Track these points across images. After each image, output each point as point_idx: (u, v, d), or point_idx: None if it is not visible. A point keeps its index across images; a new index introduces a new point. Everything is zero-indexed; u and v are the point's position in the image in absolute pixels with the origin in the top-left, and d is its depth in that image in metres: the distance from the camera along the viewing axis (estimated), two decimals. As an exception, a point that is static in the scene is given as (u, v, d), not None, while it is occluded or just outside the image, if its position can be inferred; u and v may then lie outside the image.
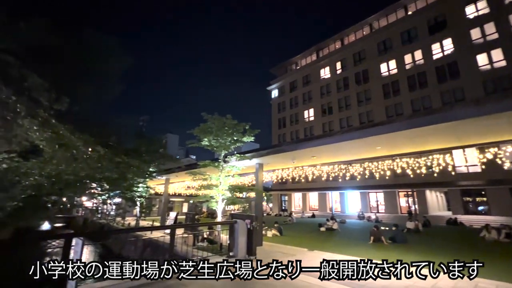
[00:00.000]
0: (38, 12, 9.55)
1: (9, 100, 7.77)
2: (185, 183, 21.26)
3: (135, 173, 11.18)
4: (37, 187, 8.38)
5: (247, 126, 11.14)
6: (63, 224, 32.23)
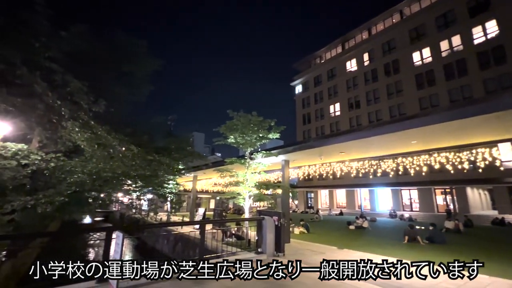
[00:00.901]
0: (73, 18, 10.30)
1: (55, 104, 8.49)
2: (212, 180, 21.79)
3: (166, 170, 11.65)
4: (80, 184, 9.07)
5: (273, 122, 11.06)
6: (102, 218, 34.84)
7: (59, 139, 10.03)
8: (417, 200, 25.67)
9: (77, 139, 9.54)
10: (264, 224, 7.97)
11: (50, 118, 9.30)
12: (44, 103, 8.63)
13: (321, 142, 9.69)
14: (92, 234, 19.44)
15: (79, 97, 8.97)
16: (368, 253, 8.43)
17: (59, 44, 8.63)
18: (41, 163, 9.03)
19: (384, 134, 7.67)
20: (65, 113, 8.74)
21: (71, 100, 9.14)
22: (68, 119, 8.99)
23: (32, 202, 8.06)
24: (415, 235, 10.74)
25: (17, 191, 8.76)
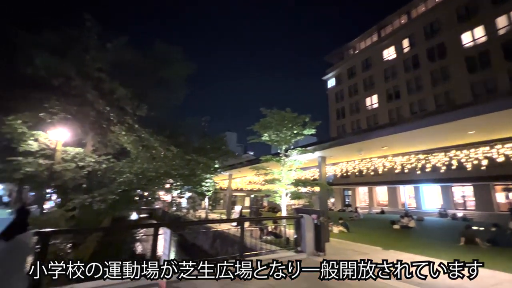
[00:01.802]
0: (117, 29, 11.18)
1: (105, 111, 9.29)
2: (247, 178, 22.04)
3: (203, 169, 12.09)
4: (128, 183, 9.81)
5: (307, 118, 10.76)
6: (147, 215, 37.47)
7: (108, 143, 10.99)
8: (472, 198, 23.02)
9: (123, 142, 10.34)
10: (302, 222, 7.79)
11: (100, 124, 10.22)
12: (95, 110, 9.51)
13: (360, 136, 9.15)
14: (139, 229, 21.04)
15: (124, 103, 9.71)
16: (419, 255, 7.75)
17: (106, 56, 9.41)
18: (95, 164, 9.97)
19: (435, 125, 6.93)
20: (113, 118, 9.52)
21: (118, 106, 9.94)
22: (116, 124, 9.79)
23: (89, 200, 8.93)
24: (474, 237, 9.61)
25: (76, 191, 9.79)
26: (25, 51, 7.99)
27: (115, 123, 9.75)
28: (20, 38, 8.51)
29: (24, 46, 8.21)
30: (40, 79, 8.34)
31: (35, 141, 9.20)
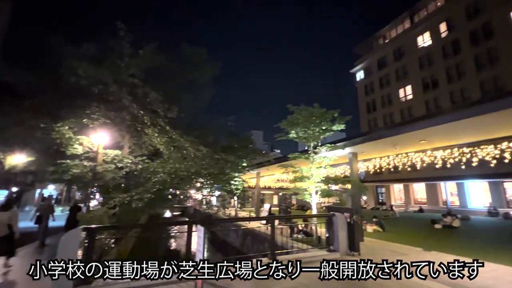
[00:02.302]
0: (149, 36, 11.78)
1: (139, 114, 9.83)
2: (275, 176, 21.97)
3: (232, 168, 12.28)
4: (162, 182, 10.30)
5: (336, 113, 10.38)
6: (179, 212, 39.14)
7: (143, 144, 11.62)
8: (528, 195, 20.55)
9: (156, 143, 10.87)
10: (334, 221, 7.54)
11: (135, 127, 10.85)
12: (130, 114, 10.11)
13: (395, 130, 8.58)
14: (173, 226, 22.05)
15: (156, 106, 10.19)
16: (466, 258, 7.08)
17: (138, 62, 9.94)
18: (132, 165, 10.62)
19: (482, 114, 6.25)
20: (146, 121, 10.05)
21: (150, 110, 10.46)
22: (149, 126, 10.33)
23: (128, 199, 9.53)
24: (533, 239, 8.54)
25: (116, 190, 10.51)
26: (69, 63, 8.74)
27: (148, 125, 10.27)
28: (65, 50, 9.34)
29: (68, 58, 8.99)
30: (82, 87, 9.09)
31: (80, 145, 10.07)
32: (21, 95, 10.52)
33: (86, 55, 9.47)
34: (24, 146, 12.33)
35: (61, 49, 9.43)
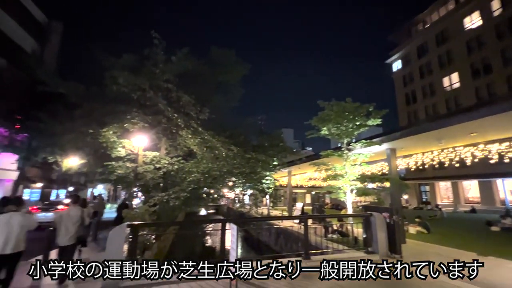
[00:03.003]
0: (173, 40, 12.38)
1: (173, 117, 10.35)
2: (307, 175, 21.55)
3: (263, 166, 12.32)
4: (196, 182, 10.72)
5: (371, 107, 9.82)
6: (214, 211, 40.46)
7: (178, 146, 12.21)
8: None
9: (190, 144, 11.34)
10: (372, 221, 7.15)
11: (171, 129, 11.44)
12: (166, 117, 10.68)
13: (441, 123, 7.80)
14: (208, 224, 22.88)
15: (189, 108, 10.63)
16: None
17: (171, 68, 10.46)
18: (168, 166, 11.22)
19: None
20: (180, 124, 10.53)
21: (184, 112, 10.94)
22: (183, 128, 10.81)
23: (166, 197, 10.09)
24: None
25: (156, 189, 11.20)
26: (111, 73, 9.54)
27: (182, 127, 10.75)
28: (107, 62, 10.20)
29: (110, 68, 9.81)
30: (123, 95, 9.86)
31: (122, 148, 10.93)
32: (73, 105, 11.77)
33: (126, 65, 10.23)
34: (77, 150, 13.76)
35: (104, 61, 10.32)
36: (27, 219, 4.76)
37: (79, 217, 5.92)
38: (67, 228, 5.66)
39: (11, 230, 4.43)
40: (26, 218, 4.74)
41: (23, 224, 4.58)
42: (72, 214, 5.83)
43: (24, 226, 4.58)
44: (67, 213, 5.86)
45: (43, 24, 23.12)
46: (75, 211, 5.93)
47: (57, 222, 5.72)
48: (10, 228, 4.44)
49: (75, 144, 12.37)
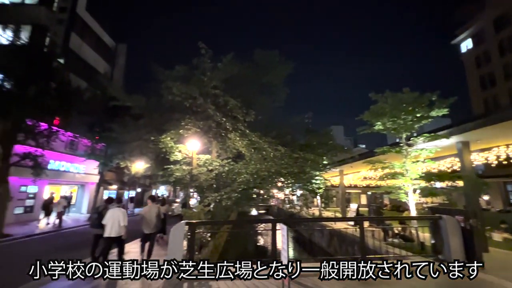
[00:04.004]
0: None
1: (222, 121, 10.84)
2: (360, 174, 20.16)
3: (312, 166, 11.96)
4: (246, 182, 11.00)
5: (434, 96, 8.66)
6: (264, 211, 40.99)
7: (227, 148, 12.73)
8: None
9: (239, 146, 11.71)
10: (442, 225, 6.30)
11: (220, 133, 12.00)
12: (215, 122, 11.25)
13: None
14: (259, 224, 23.28)
15: (235, 112, 10.99)
16: None
17: (218, 74, 10.97)
18: (220, 167, 11.78)
19: None
20: (229, 127, 10.97)
21: (231, 116, 11.36)
22: (231, 131, 11.23)
23: (219, 198, 10.61)
24: None
25: (209, 190, 11.88)
26: (166, 84, 10.51)
27: (230, 131, 11.18)
28: (162, 74, 11.25)
29: (165, 80, 10.80)
30: (177, 103, 10.75)
31: (179, 152, 11.92)
32: (137, 116, 13.33)
33: (178, 76, 11.12)
34: (142, 155, 15.54)
35: (160, 74, 11.42)
36: (124, 213, 6.38)
37: (157, 212, 7.38)
38: (150, 220, 7.12)
39: (114, 220, 6.11)
40: (124, 212, 6.37)
41: (122, 217, 6.23)
42: (152, 210, 7.27)
43: (122, 219, 6.23)
44: (149, 209, 7.30)
45: (111, 47, 26.86)
46: (154, 208, 7.41)
47: (142, 216, 7.21)
48: (114, 219, 6.11)
49: (141, 150, 13.98)
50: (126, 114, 14.45)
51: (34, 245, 10.72)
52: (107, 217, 6.17)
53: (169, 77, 10.77)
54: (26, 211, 16.36)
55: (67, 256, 9.00)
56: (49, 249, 9.80)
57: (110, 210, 6.31)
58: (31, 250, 9.76)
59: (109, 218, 6.13)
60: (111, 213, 6.20)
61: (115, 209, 6.32)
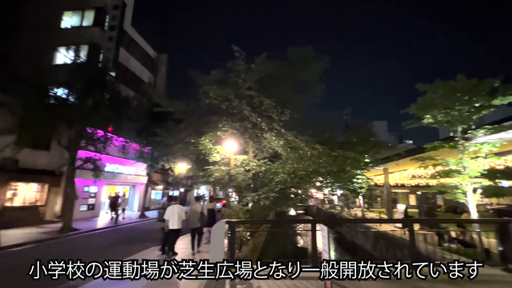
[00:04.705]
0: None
1: (257, 122, 10.94)
2: (408, 172, 18.60)
3: (352, 164, 11.38)
4: (283, 182, 10.93)
5: (497, 82, 7.57)
6: (303, 211, 40.24)
7: (263, 148, 12.81)
8: None
9: (275, 146, 11.70)
10: (511, 229, 5.48)
11: (256, 133, 12.13)
12: (251, 123, 11.40)
13: None
14: (298, 224, 22.92)
15: (270, 111, 11.00)
16: None
17: (252, 75, 11.10)
18: (256, 168, 11.90)
19: None
20: (264, 127, 11.02)
21: (266, 116, 11.40)
22: (267, 131, 11.26)
23: (256, 197, 10.73)
24: None
25: (247, 189, 12.08)
26: (203, 88, 10.98)
27: (266, 131, 11.22)
28: (200, 79, 11.77)
29: (202, 84, 11.29)
30: (214, 106, 11.16)
31: (217, 153, 12.35)
32: (178, 120, 14.18)
33: (214, 80, 11.55)
34: (184, 157, 16.48)
35: (198, 79, 11.97)
36: (182, 209, 7.71)
37: (201, 209, 8.70)
38: (194, 216, 8.34)
39: (174, 215, 7.36)
40: (181, 208, 7.70)
41: (180, 212, 7.51)
42: (196, 207, 8.52)
43: (181, 214, 7.51)
44: (195, 207, 8.57)
45: (153, 58, 29.04)
46: (198, 205, 8.73)
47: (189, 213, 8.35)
48: (174, 214, 7.36)
49: (182, 152, 14.83)
50: (169, 118, 15.48)
51: (97, 238, 12.15)
52: (167, 213, 7.40)
53: (206, 81, 11.23)
54: (89, 208, 18.58)
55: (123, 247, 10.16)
56: (109, 243, 11.08)
57: (170, 207, 7.50)
58: (95, 242, 11.14)
59: (169, 214, 7.36)
60: (170, 209, 7.42)
61: (174, 206, 7.55)
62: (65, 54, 14.40)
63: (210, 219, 9.04)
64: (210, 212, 9.40)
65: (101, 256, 4.42)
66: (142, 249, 9.02)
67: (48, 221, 14.81)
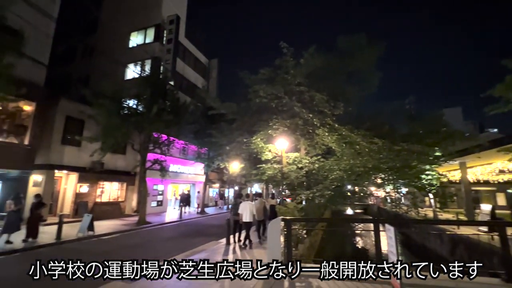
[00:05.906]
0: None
1: (309, 118, 10.66)
2: (493, 166, 15.67)
3: (419, 159, 10.09)
4: (339, 179, 10.42)
5: None
6: (361, 210, 37.70)
7: (316, 145, 12.39)
8: None
9: (328, 142, 11.20)
10: None
11: (307, 130, 11.82)
12: (302, 119, 11.15)
13: None
14: (357, 224, 21.56)
15: (322, 106, 10.58)
16: None
17: (301, 71, 10.85)
18: (309, 165, 11.61)
19: None
20: (316, 123, 10.66)
21: (318, 111, 11.00)
22: (319, 127, 10.85)
23: (311, 195, 10.47)
24: None
25: (300, 187, 11.88)
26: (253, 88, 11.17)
27: (318, 126, 10.83)
28: (249, 79, 11.98)
29: (252, 84, 11.47)
30: (264, 105, 11.28)
31: (269, 151, 12.47)
32: (230, 121, 14.81)
33: (263, 78, 11.64)
34: (237, 156, 17.13)
35: (247, 79, 12.25)
36: (252, 205, 8.95)
37: (262, 205, 9.91)
38: (259, 211, 9.41)
39: (246, 210, 8.60)
40: (252, 204, 8.95)
41: (251, 208, 8.75)
42: (257, 203, 9.62)
43: (251, 209, 8.73)
44: (258, 202, 9.73)
45: (205, 64, 30.94)
46: (259, 201, 9.85)
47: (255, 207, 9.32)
48: (246, 209, 8.61)
49: (235, 152, 15.45)
50: (222, 120, 16.29)
51: (167, 230, 13.66)
52: (241, 208, 8.70)
53: (255, 81, 11.42)
54: (158, 204, 20.96)
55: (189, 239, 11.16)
56: (176, 235, 12.32)
57: (243, 203, 8.87)
58: (166, 234, 12.61)
59: (243, 209, 8.65)
60: (243, 205, 8.74)
61: (246, 202, 8.87)
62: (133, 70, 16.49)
63: (272, 213, 10.16)
64: (272, 207, 10.49)
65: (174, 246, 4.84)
66: (207, 241, 9.79)
67: (127, 215, 17.29)
